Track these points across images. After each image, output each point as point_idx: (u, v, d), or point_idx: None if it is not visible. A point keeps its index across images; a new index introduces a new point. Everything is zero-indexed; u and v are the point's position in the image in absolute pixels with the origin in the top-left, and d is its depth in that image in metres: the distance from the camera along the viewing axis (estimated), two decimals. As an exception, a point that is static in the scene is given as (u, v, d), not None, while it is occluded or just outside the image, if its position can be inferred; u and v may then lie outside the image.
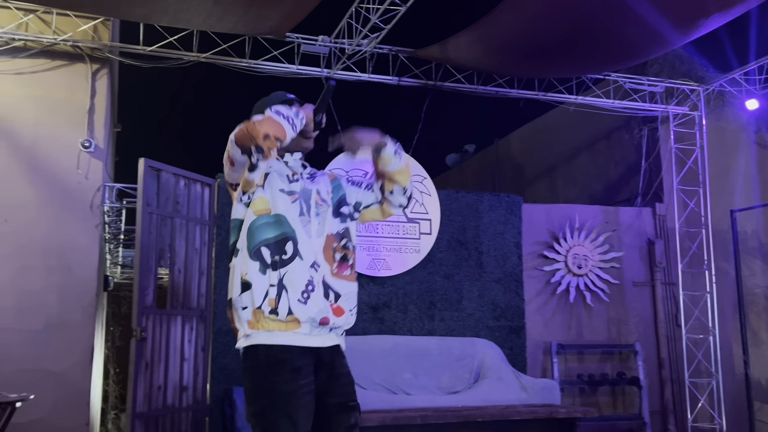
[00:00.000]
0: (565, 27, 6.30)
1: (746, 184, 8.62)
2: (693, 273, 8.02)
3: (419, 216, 6.97)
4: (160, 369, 5.67)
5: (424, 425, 4.80)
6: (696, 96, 8.29)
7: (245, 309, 2.34)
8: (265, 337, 2.31)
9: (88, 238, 6.15)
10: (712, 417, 7.66)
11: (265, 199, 2.42)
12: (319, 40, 6.86)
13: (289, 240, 2.37)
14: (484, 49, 6.87)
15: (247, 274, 2.36)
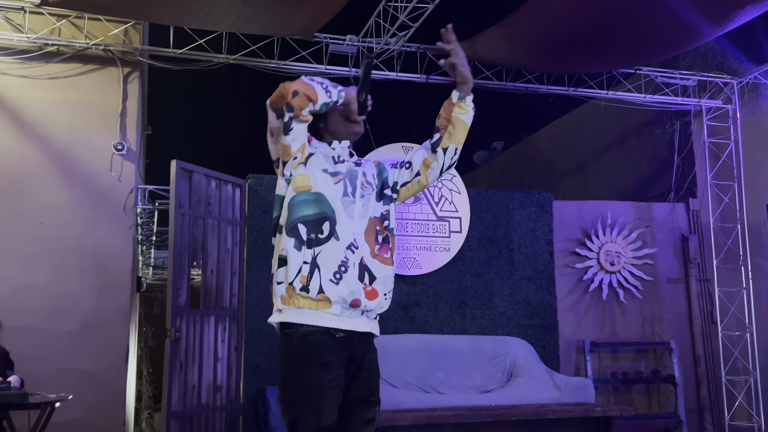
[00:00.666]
0: (594, 21, 6.23)
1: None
2: (728, 269, 7.90)
3: (449, 214, 6.93)
4: (194, 369, 5.71)
5: (458, 424, 4.77)
6: (730, 89, 8.16)
7: (280, 284, 2.35)
8: (295, 315, 2.31)
9: (121, 240, 6.21)
10: (750, 415, 7.55)
11: (307, 177, 2.41)
12: (347, 40, 6.85)
13: (327, 220, 2.36)
14: (513, 45, 6.82)
15: (284, 250, 2.36)
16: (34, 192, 6.06)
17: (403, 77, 7.18)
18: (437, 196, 6.93)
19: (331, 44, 6.87)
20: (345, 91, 2.46)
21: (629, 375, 7.48)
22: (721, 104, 8.18)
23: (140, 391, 7.32)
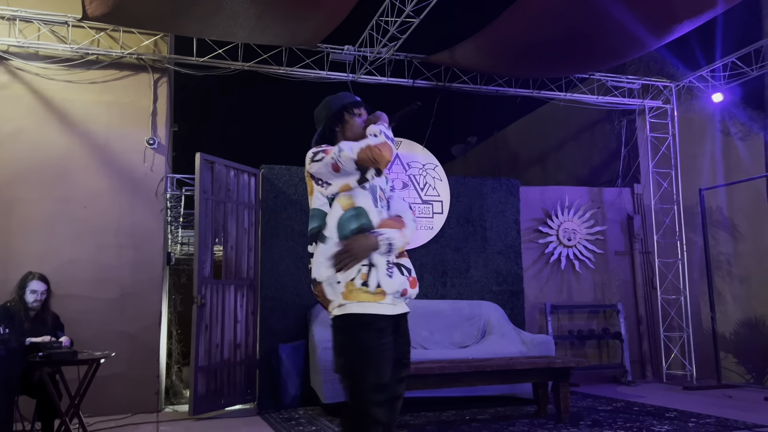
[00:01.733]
0: (554, 34, 6.21)
1: (712, 166, 8.50)
2: (666, 243, 7.97)
3: (432, 198, 6.95)
4: (217, 330, 5.73)
5: (441, 375, 4.80)
6: (668, 91, 8.19)
7: (339, 283, 2.32)
8: (357, 307, 2.30)
9: (154, 221, 6.19)
10: (684, 365, 7.64)
11: (349, 196, 2.40)
12: (345, 50, 6.82)
13: (370, 230, 2.36)
14: (487, 54, 6.80)
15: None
16: (79, 180, 6.02)
17: (393, 81, 7.16)
18: (422, 183, 6.94)
19: (331, 53, 6.83)
20: (384, 116, 2.51)
21: (583, 332, 7.55)
22: (661, 104, 8.21)
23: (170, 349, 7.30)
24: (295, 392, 5.92)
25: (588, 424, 4.86)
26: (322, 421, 5.16)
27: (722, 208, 8.62)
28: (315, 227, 2.41)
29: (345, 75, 6.96)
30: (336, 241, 2.34)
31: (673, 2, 5.72)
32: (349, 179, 2.38)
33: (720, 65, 7.60)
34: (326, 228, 2.38)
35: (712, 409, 5.43)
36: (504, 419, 5.15)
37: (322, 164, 2.40)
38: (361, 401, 2.27)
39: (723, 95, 7.75)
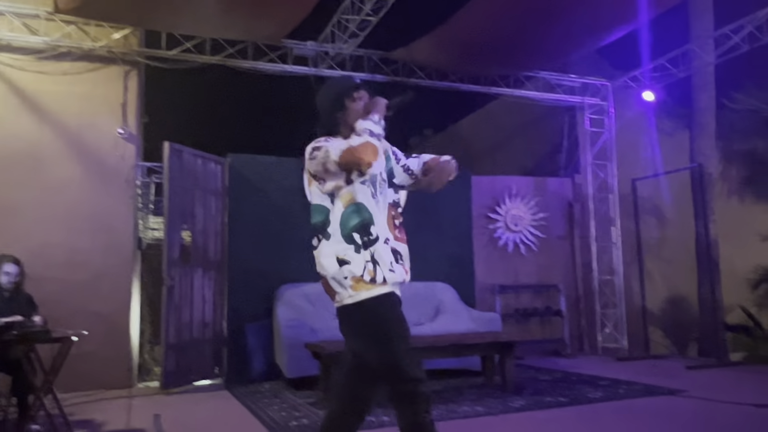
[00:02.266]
0: (504, 34, 6.28)
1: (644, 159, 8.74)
2: (602, 228, 8.16)
3: (390, 186, 6.94)
4: (186, 310, 5.67)
5: (397, 349, 4.83)
6: (605, 90, 8.35)
7: (346, 278, 2.22)
8: (366, 294, 2.22)
9: (125, 207, 6.06)
10: (617, 338, 7.86)
11: (350, 191, 2.25)
12: (308, 45, 6.76)
13: (370, 224, 2.25)
14: (441, 51, 6.84)
15: (344, 255, 2.22)
16: (51, 167, 5.84)
17: (353, 76, 7.13)
18: (380, 172, 6.93)
19: (294, 48, 6.76)
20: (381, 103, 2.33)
21: (528, 310, 7.70)
22: (599, 102, 8.36)
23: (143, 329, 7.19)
24: (260, 368, 5.91)
25: (530, 393, 4.97)
26: (286, 394, 5.16)
27: (653, 197, 8.88)
28: (318, 222, 2.29)
29: (308, 69, 6.90)
30: (340, 238, 2.23)
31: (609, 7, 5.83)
32: (337, 180, 2.24)
33: (651, 67, 7.79)
34: (330, 225, 2.27)
35: (640, 377, 5.61)
36: (455, 390, 5.21)
37: (316, 163, 2.26)
38: (399, 369, 2.17)
39: (654, 94, 7.95)
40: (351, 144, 2.19)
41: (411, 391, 2.15)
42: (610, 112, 8.29)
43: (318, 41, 6.75)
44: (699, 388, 5.04)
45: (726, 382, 5.41)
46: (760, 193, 9.27)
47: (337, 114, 2.36)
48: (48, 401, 4.18)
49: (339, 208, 2.25)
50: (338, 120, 2.36)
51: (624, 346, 7.73)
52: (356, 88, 2.39)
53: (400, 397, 2.17)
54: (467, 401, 4.69)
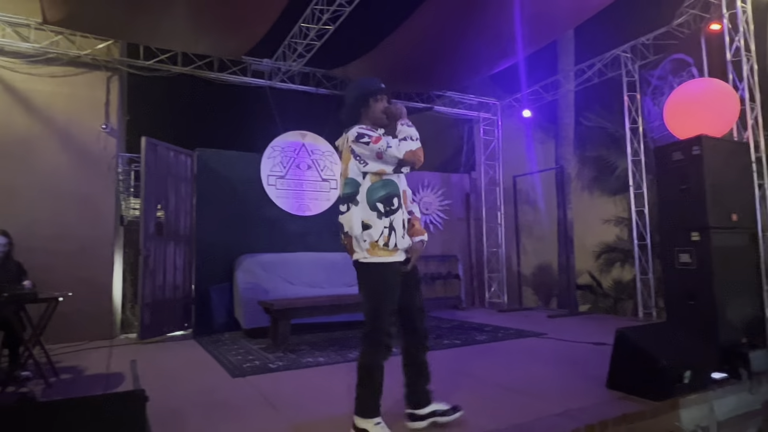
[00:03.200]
0: (420, 61, 6.30)
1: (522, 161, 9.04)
2: (491, 213, 8.39)
3: (330, 177, 6.87)
4: (160, 275, 5.41)
5: (332, 306, 4.82)
6: (495, 107, 8.54)
7: (365, 241, 2.24)
8: (377, 259, 2.26)
9: (107, 190, 5.68)
10: (500, 295, 8.16)
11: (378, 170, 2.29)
12: (264, 62, 6.52)
13: (394, 196, 2.28)
14: (370, 71, 6.77)
15: (368, 220, 2.23)
16: (41, 155, 5.39)
17: (301, 88, 6.95)
18: (323, 165, 6.83)
19: (252, 63, 6.52)
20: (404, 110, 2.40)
21: (434, 275, 7.82)
22: (491, 116, 8.54)
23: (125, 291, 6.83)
24: (222, 321, 5.74)
25: (434, 337, 5.07)
26: (242, 342, 5.05)
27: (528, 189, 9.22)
28: (348, 192, 2.28)
29: (264, 81, 6.67)
30: (366, 206, 2.24)
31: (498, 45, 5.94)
32: (386, 167, 2.25)
33: (529, 91, 8.03)
34: (359, 194, 2.26)
35: (514, 324, 5.84)
36: (376, 336, 5.25)
37: (368, 149, 2.24)
38: (379, 322, 2.23)
39: (530, 112, 8.21)
40: (412, 147, 2.25)
41: (380, 340, 2.24)
42: (498, 124, 8.50)
43: (272, 59, 6.52)
44: (556, 331, 5.29)
45: (575, 327, 5.70)
46: (604, 189, 9.82)
47: (360, 109, 2.38)
48: (37, 352, 3.90)
49: (368, 182, 2.25)
50: (361, 113, 2.37)
51: (504, 301, 8.03)
52: (380, 90, 2.42)
53: (370, 340, 2.24)
54: (386, 344, 4.73)
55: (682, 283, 3.77)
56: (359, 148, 2.25)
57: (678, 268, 3.82)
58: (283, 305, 4.53)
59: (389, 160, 2.23)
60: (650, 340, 3.08)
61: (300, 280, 5.94)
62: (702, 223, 3.68)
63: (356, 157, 2.26)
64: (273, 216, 6.31)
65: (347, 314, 5.23)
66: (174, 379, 3.64)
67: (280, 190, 6.42)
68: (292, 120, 6.69)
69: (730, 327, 3.62)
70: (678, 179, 3.85)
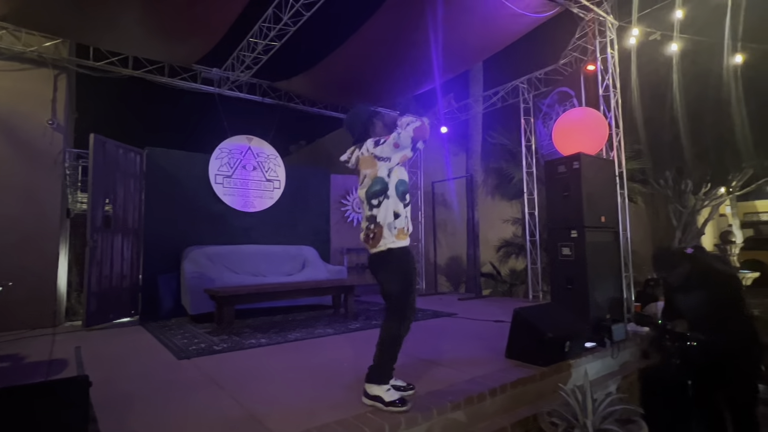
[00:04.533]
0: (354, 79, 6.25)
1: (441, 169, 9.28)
2: (413, 212, 8.53)
3: (273, 178, 6.64)
4: (107, 265, 4.93)
5: (273, 293, 4.67)
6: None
7: (395, 228, 2.34)
8: (401, 243, 2.37)
9: (53, 183, 5.08)
10: (419, 282, 8.31)
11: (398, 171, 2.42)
12: (213, 71, 6.15)
13: (407, 192, 2.43)
14: (311, 85, 6.63)
15: (398, 209, 2.36)
16: (-20, 147, 4.71)
17: (248, 97, 6.64)
18: (267, 167, 6.58)
19: (203, 72, 6.13)
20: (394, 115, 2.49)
21: (365, 264, 7.81)
22: (415, 130, 8.65)
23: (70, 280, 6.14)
24: (168, 308, 5.35)
25: (363, 318, 5.07)
26: (188, 327, 4.73)
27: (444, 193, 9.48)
28: (378, 189, 2.37)
29: (213, 89, 6.30)
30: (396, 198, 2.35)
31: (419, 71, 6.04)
32: (405, 151, 2.36)
33: (446, 111, 8.25)
34: (389, 189, 2.37)
35: (430, 306, 5.95)
36: (313, 318, 5.16)
37: (386, 145, 2.37)
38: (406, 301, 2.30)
39: (447, 128, 8.45)
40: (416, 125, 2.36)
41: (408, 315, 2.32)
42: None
43: (222, 69, 6.17)
44: (465, 312, 5.47)
45: (480, 308, 5.92)
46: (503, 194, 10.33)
47: (369, 128, 2.54)
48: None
49: (394, 179, 2.39)
50: (369, 131, 2.53)
51: (422, 287, 8.19)
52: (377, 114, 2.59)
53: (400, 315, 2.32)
54: (321, 325, 4.66)
55: (563, 271, 4.05)
56: (380, 150, 2.40)
57: (561, 260, 4.10)
58: (227, 292, 4.32)
59: (405, 143, 2.35)
60: (539, 318, 3.27)
61: (243, 269, 5.70)
62: (579, 222, 3.97)
63: (380, 159, 2.40)
64: (219, 212, 6.02)
65: (287, 300, 5.10)
66: (119, 364, 3.33)
67: (227, 189, 6.13)
68: (240, 125, 6.38)
69: (598, 306, 3.94)
70: (561, 187, 4.13)
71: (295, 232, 6.80)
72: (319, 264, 6.33)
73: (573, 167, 4.06)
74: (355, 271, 7.69)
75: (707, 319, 2.65)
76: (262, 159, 6.56)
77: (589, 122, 4.60)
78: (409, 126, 2.39)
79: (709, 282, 2.67)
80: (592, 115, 4.68)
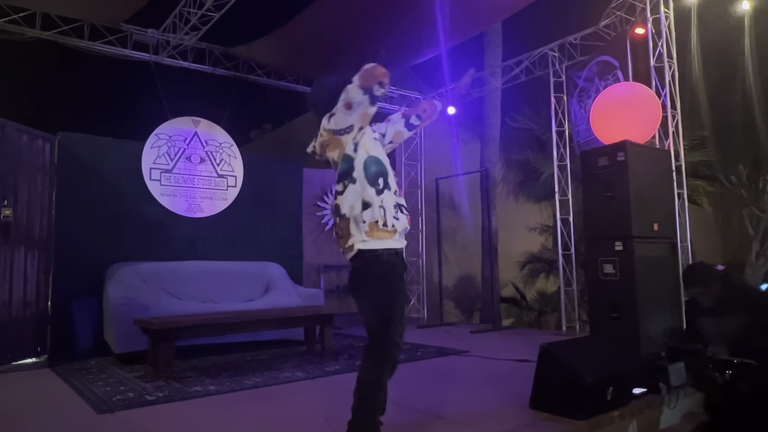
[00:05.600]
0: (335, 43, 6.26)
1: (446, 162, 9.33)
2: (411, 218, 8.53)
3: (227, 173, 6.62)
4: (4, 289, 4.85)
5: (226, 324, 4.63)
6: (418, 102, 8.72)
7: (365, 222, 2.26)
8: (378, 243, 2.27)
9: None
10: (419, 310, 8.32)
11: (367, 144, 2.35)
12: (149, 32, 6.14)
13: (382, 174, 2.33)
14: (278, 52, 6.63)
15: (369, 198, 2.28)
16: None
17: (194, 67, 6.63)
18: (219, 159, 6.56)
19: (135, 34, 6.10)
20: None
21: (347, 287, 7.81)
22: (413, 111, 8.71)
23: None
24: (87, 345, 5.28)
25: (345, 358, 5.04)
26: (113, 370, 4.67)
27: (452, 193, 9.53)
28: (344, 168, 2.33)
29: (148, 56, 6.27)
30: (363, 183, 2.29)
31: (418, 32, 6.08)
32: (362, 107, 2.29)
33: (454, 86, 8.29)
34: (355, 170, 2.30)
35: (434, 341, 5.95)
36: (279, 358, 5.11)
37: (338, 113, 2.33)
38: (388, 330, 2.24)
39: (456, 109, 8.50)
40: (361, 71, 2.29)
41: (387, 353, 2.25)
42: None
43: (160, 30, 6.16)
44: (479, 348, 5.46)
45: (499, 343, 5.91)
46: (529, 195, 10.41)
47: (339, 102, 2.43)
48: None
49: (362, 155, 2.31)
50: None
51: (424, 316, 8.20)
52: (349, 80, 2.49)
53: (376, 354, 2.26)
54: (290, 367, 4.62)
55: (605, 294, 4.06)
56: (333, 121, 2.36)
57: (602, 280, 4.11)
58: (165, 324, 4.28)
59: (357, 97, 2.28)
60: (574, 356, 3.26)
61: (188, 293, 5.65)
62: (626, 232, 3.99)
63: (339, 134, 2.35)
64: (156, 217, 5.98)
65: (246, 334, 5.07)
66: (19, 420, 3.26)
67: (165, 187, 6.09)
68: (183, 104, 6.36)
69: (651, 340, 3.95)
70: (602, 186, 4.16)
71: (257, 244, 6.77)
72: (287, 286, 6.31)
73: (617, 160, 4.09)
74: (335, 294, 7.68)
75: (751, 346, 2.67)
76: (212, 148, 6.54)
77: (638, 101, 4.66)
78: (356, 77, 2.34)
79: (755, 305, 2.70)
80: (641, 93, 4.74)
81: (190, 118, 6.33)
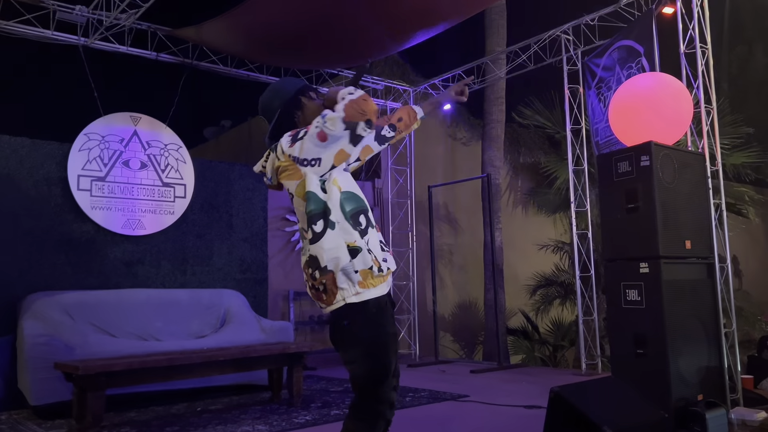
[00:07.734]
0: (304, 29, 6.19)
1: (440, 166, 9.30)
2: (400, 233, 8.49)
3: (174, 181, 6.51)
4: None
5: (171, 367, 4.50)
6: (407, 95, 8.71)
7: (357, 272, 2.21)
8: (373, 293, 2.25)
9: None
10: (410, 344, 8.23)
11: (337, 179, 2.28)
12: (77, 10, 6.02)
13: (363, 211, 2.30)
14: (236, 36, 6.54)
15: (355, 242, 2.22)
16: None
17: (133, 52, 6.51)
18: (164, 164, 6.46)
19: (59, 11, 5.99)
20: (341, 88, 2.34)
21: (323, 317, 7.71)
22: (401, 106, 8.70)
23: None
24: (-3, 395, 5.10)
25: (318, 406, 4.94)
26: (29, 426, 4.50)
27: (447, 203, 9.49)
28: (313, 210, 2.24)
29: (76, 38, 6.15)
30: (344, 226, 2.23)
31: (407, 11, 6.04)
32: (340, 143, 2.24)
33: (449, 76, 8.29)
34: (332, 212, 2.23)
35: (427, 384, 5.88)
36: (238, 407, 5.01)
37: (307, 139, 2.24)
38: (381, 388, 2.23)
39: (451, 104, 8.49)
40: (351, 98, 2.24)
41: (380, 412, 2.22)
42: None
43: (90, 7, 6.04)
44: (480, 391, 5.42)
45: (505, 385, 5.87)
46: (541, 205, 10.41)
47: (294, 113, 2.42)
48: None
49: (335, 193, 2.26)
50: (296, 119, 2.41)
51: (416, 352, 8.10)
52: (310, 87, 2.49)
53: (367, 413, 2.23)
54: (249, 419, 4.53)
55: (629, 325, 4.01)
56: (299, 148, 2.27)
57: (625, 308, 4.06)
58: (94, 368, 4.17)
59: (335, 130, 2.23)
60: (590, 401, 3.20)
61: (124, 329, 5.54)
62: (653, 250, 3.94)
63: (302, 164, 2.28)
64: (86, 235, 5.90)
65: (196, 378, 4.96)
66: None
67: (98, 198, 6.00)
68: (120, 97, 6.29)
69: (684, 382, 3.89)
70: (624, 196, 4.12)
71: (211, 267, 6.67)
72: (248, 318, 6.21)
73: (641, 164, 4.06)
74: (307, 327, 7.58)
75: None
76: (156, 151, 6.45)
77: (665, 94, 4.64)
78: (342, 102, 2.26)
79: None
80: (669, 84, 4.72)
81: (129, 114, 6.26)
